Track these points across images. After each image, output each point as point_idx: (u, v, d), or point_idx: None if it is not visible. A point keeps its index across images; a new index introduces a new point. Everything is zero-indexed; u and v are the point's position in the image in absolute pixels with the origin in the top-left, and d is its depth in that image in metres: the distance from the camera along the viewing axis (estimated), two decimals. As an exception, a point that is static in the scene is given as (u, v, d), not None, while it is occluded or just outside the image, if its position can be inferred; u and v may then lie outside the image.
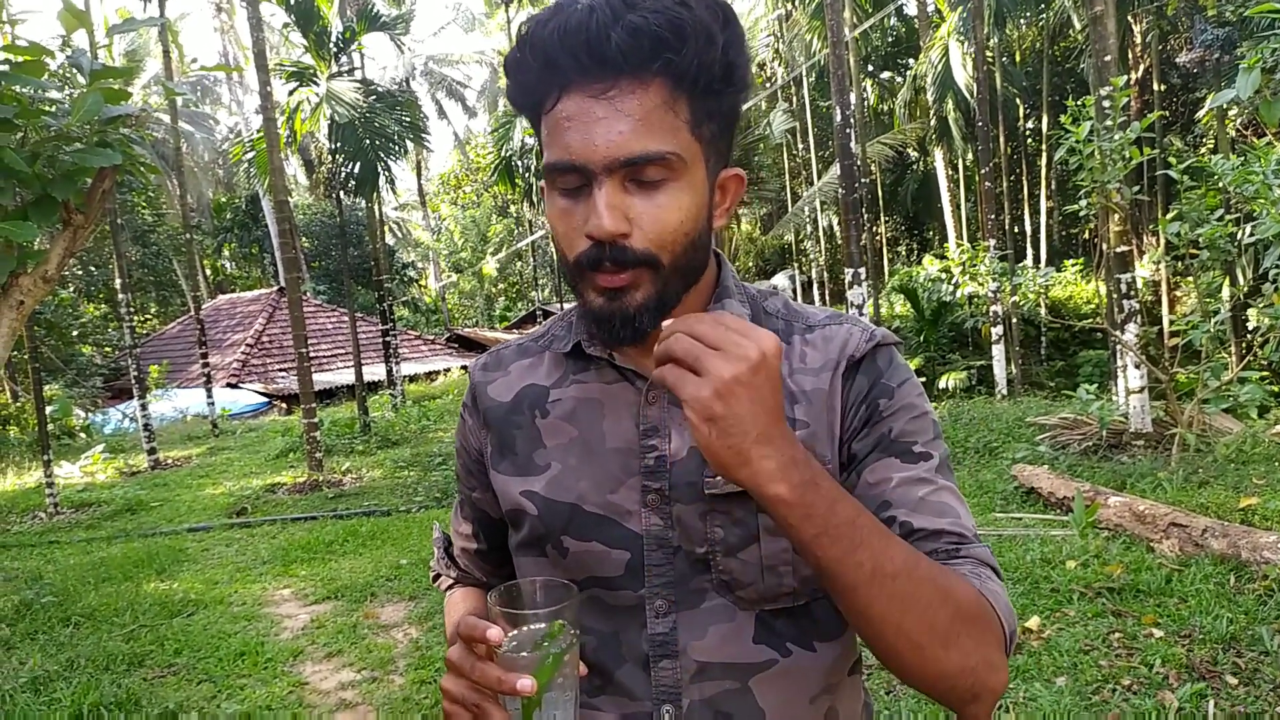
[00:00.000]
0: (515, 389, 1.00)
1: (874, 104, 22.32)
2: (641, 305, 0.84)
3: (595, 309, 0.86)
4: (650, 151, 0.79)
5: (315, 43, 11.21)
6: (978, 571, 0.83)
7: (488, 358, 1.06)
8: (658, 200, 0.81)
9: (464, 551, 1.15)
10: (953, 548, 0.84)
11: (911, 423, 0.90)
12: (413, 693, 3.79)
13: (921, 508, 0.86)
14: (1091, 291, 17.47)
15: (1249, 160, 5.42)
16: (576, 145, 0.80)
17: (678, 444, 0.91)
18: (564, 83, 0.80)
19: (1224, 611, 3.58)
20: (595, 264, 0.82)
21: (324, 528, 6.99)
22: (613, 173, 0.80)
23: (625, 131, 0.79)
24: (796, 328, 0.96)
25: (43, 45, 3.48)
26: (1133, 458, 6.13)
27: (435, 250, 37.28)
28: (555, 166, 0.82)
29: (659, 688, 0.91)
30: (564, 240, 0.85)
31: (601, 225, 0.80)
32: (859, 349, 0.93)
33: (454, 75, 33.80)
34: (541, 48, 0.80)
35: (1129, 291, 6.55)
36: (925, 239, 26.22)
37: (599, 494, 0.92)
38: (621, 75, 0.79)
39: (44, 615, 5.13)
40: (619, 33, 0.76)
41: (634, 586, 0.91)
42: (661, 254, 0.83)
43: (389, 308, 14.07)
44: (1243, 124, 14.16)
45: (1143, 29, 17.02)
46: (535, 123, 0.86)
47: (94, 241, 17.62)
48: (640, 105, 0.79)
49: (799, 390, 0.92)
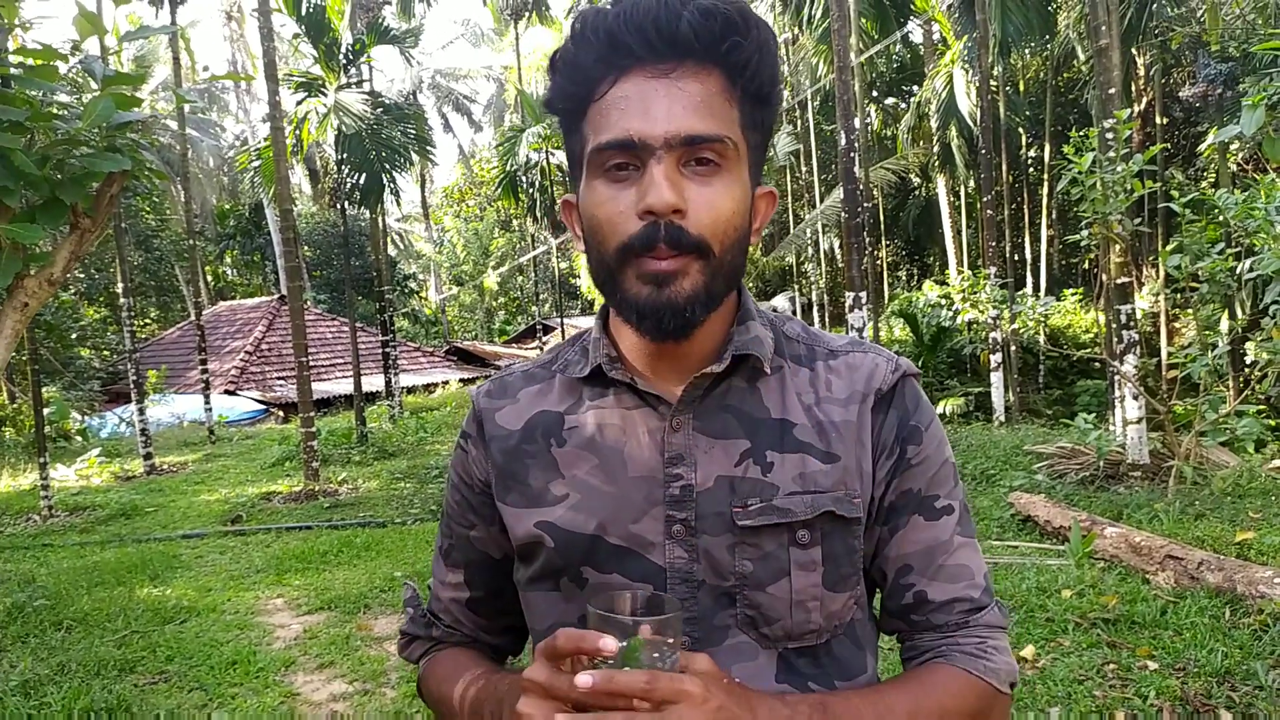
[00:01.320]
0: (525, 416, 0.95)
1: (878, 129, 22.42)
2: (691, 295, 0.81)
3: (640, 300, 0.82)
4: (710, 131, 0.79)
5: (325, 54, 11.28)
6: (983, 646, 0.89)
7: (492, 385, 1.01)
8: (713, 186, 0.81)
9: (453, 603, 1.05)
10: (962, 619, 0.91)
11: (936, 475, 0.93)
12: (404, 706, 3.77)
13: (939, 575, 0.91)
14: (1091, 321, 17.52)
15: (1253, 195, 5.46)
16: (635, 122, 0.79)
17: (704, 472, 0.87)
18: (623, 65, 0.80)
19: (1219, 645, 3.57)
20: (648, 244, 0.79)
21: (319, 537, 6.97)
22: (672, 149, 0.79)
23: (688, 109, 0.79)
24: (819, 353, 0.95)
25: (55, 49, 3.51)
26: (1129, 488, 6.13)
27: (437, 263, 37.35)
28: (610, 144, 0.80)
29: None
30: (607, 226, 0.82)
31: (662, 196, 0.78)
32: (886, 381, 0.92)
33: (461, 89, 34.04)
34: (606, 29, 0.79)
35: (1128, 322, 6.57)
36: (926, 265, 26.30)
37: (620, 524, 0.88)
38: (686, 58, 0.79)
39: (36, 619, 5.11)
40: (691, 13, 0.77)
41: None
42: (714, 242, 0.81)
43: (389, 319, 14.10)
44: (1244, 158, 14.24)
45: (1146, 62, 17.15)
46: (576, 118, 0.85)
47: (97, 245, 17.64)
48: (702, 89, 0.80)
49: (828, 421, 0.90)
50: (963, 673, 0.87)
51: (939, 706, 0.84)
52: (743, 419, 0.89)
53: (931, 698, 0.84)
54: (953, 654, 0.89)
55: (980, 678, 0.87)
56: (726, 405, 0.90)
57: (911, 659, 0.93)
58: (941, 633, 0.91)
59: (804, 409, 0.91)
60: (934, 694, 0.85)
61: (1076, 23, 15.81)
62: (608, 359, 0.91)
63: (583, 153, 0.84)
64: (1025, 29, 14.20)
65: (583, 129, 0.84)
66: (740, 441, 0.89)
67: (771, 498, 0.86)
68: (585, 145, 0.83)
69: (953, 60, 16.57)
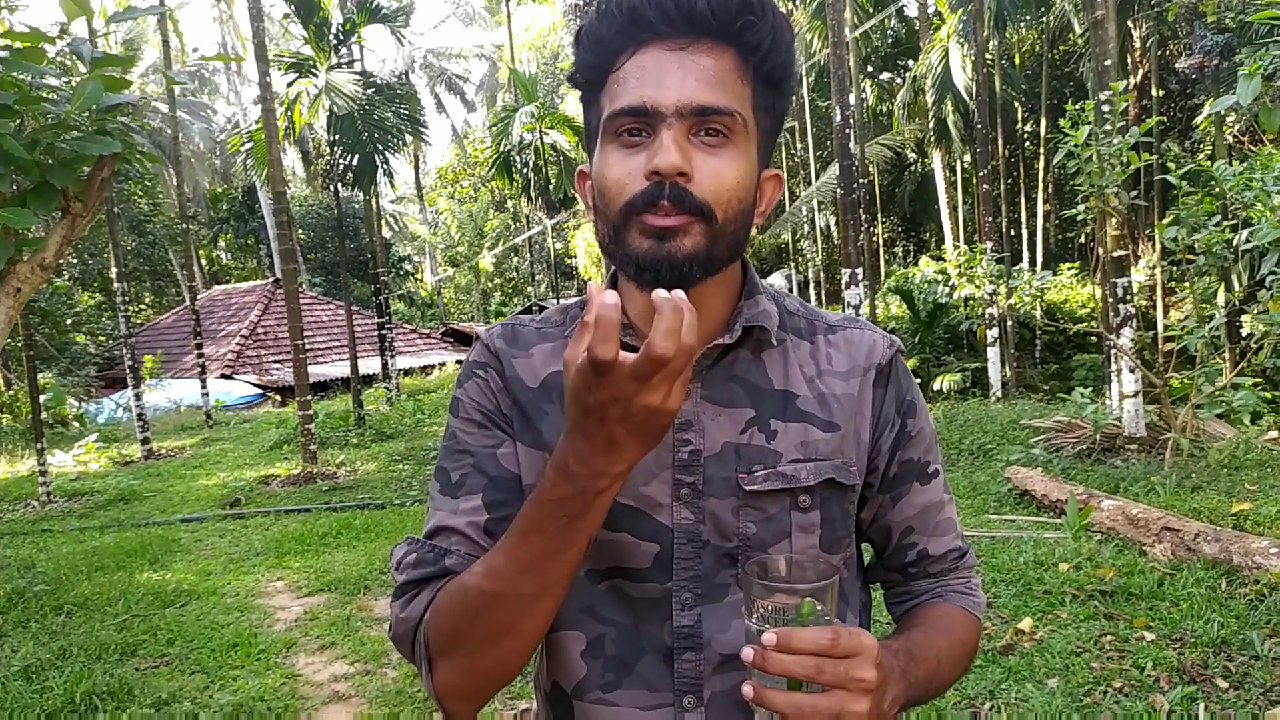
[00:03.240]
0: (540, 375, 0.97)
1: (873, 105, 22.32)
2: (691, 253, 0.83)
3: (640, 253, 0.84)
4: (720, 104, 0.83)
5: (315, 34, 11.19)
6: (969, 585, 1.04)
7: (506, 331, 1.01)
8: (720, 156, 0.84)
9: (470, 527, 0.92)
10: (953, 564, 1.04)
11: (928, 443, 1.02)
12: (405, 685, 3.79)
13: (935, 531, 1.02)
14: (1087, 295, 17.52)
15: (1250, 166, 5.44)
16: (650, 91, 0.83)
17: (711, 439, 0.92)
18: (642, 39, 0.84)
19: (1215, 615, 3.60)
20: (651, 201, 0.82)
21: (318, 520, 6.98)
22: (683, 118, 0.82)
23: (699, 82, 0.83)
24: (819, 328, 1.00)
25: (42, 32, 3.47)
26: (1126, 461, 6.15)
27: (431, 244, 37.23)
28: (624, 110, 0.84)
29: (681, 679, 0.92)
30: (615, 187, 0.85)
31: (669, 158, 0.81)
32: (884, 357, 0.99)
33: (453, 69, 33.76)
34: (629, 4, 0.83)
35: (1125, 296, 6.57)
36: (922, 240, 26.27)
37: (631, 486, 0.90)
38: (703, 36, 0.83)
39: (36, 604, 5.12)
40: None
41: (660, 579, 0.91)
42: (717, 208, 0.84)
43: (385, 301, 14.06)
44: (1240, 130, 14.20)
45: (1142, 34, 17.06)
46: (595, 90, 0.88)
47: (90, 230, 17.55)
48: (715, 64, 0.84)
49: (830, 394, 0.96)
50: (961, 610, 1.01)
51: (961, 641, 0.98)
52: (748, 389, 0.94)
53: (955, 637, 0.98)
54: (949, 594, 1.03)
55: (971, 613, 1.02)
56: (733, 375, 0.94)
57: (906, 600, 1.05)
58: (936, 579, 1.04)
59: (806, 381, 0.96)
60: (954, 631, 0.98)
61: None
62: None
63: (599, 122, 0.88)
64: (1020, 2, 14.12)
65: (600, 99, 0.88)
66: (746, 410, 0.93)
67: (775, 464, 0.91)
68: (601, 113, 0.87)
69: (948, 34, 16.48)
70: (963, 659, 0.99)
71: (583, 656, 0.95)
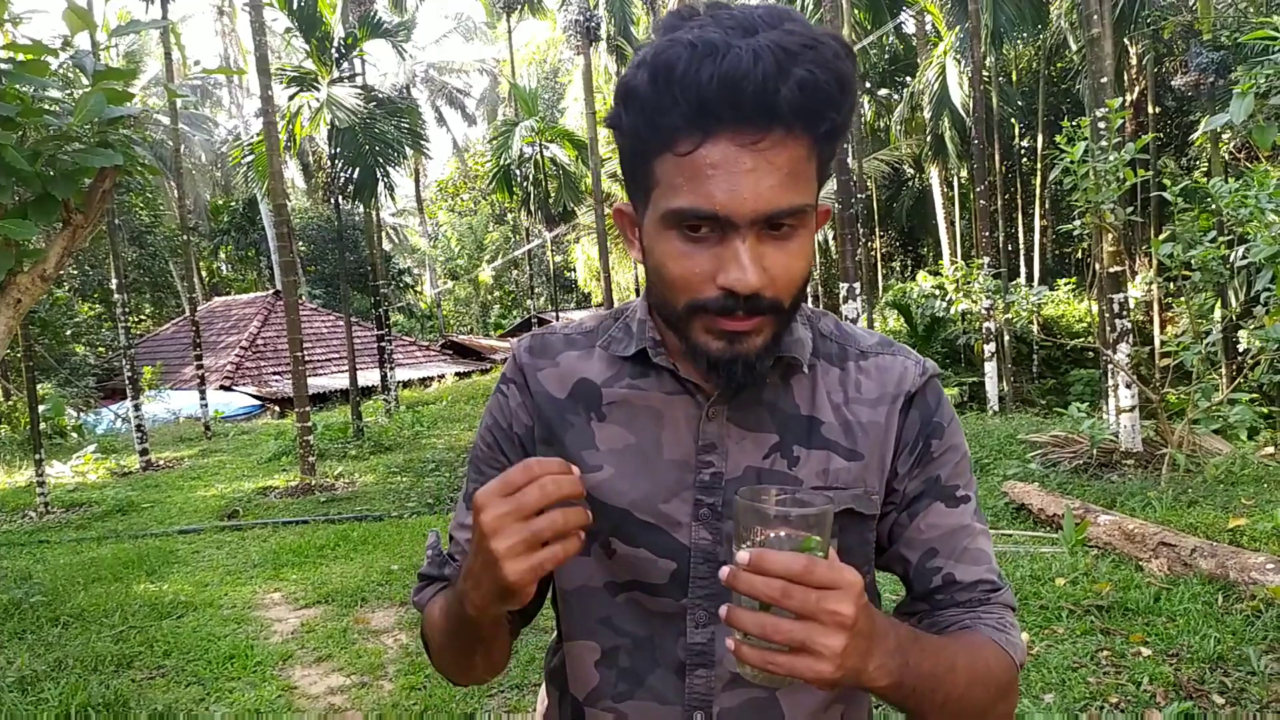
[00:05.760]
0: (568, 383, 0.98)
1: (871, 120, 22.40)
2: (763, 349, 0.84)
3: (711, 351, 0.84)
4: (793, 205, 0.79)
5: (317, 48, 11.25)
6: (1003, 622, 0.94)
7: (534, 342, 1.03)
8: (789, 249, 0.81)
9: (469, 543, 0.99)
10: (985, 596, 0.95)
11: (957, 467, 0.97)
12: (402, 698, 3.78)
13: (964, 558, 0.95)
14: (1084, 310, 17.54)
15: (1245, 184, 5.47)
16: (721, 196, 0.77)
17: (734, 462, 0.92)
18: (709, 129, 0.77)
19: (1211, 631, 3.60)
20: (726, 311, 0.81)
21: (315, 532, 6.98)
22: (755, 225, 0.79)
23: (775, 185, 0.78)
24: (850, 353, 0.98)
25: (45, 45, 3.50)
26: (1123, 476, 6.16)
27: (431, 257, 37.26)
28: (695, 213, 0.79)
29: (692, 694, 0.93)
30: (680, 283, 0.82)
31: (747, 280, 0.79)
32: (914, 384, 0.97)
33: (454, 83, 33.90)
34: (696, 91, 0.75)
35: (1121, 311, 6.60)
36: (920, 255, 26.31)
37: (651, 503, 0.92)
38: (776, 127, 0.77)
39: (33, 615, 5.11)
40: (789, 87, 0.74)
41: (676, 595, 0.93)
42: (786, 300, 0.83)
43: (384, 313, 14.08)
44: (1236, 147, 14.27)
45: (1139, 51, 17.15)
46: (650, 159, 0.82)
47: (91, 241, 17.56)
48: (789, 159, 0.78)
49: (855, 421, 0.94)
50: (992, 641, 0.91)
51: (985, 667, 0.88)
52: (774, 413, 0.94)
53: (980, 658, 0.88)
54: (979, 626, 0.93)
55: (1006, 650, 0.91)
56: (760, 399, 0.94)
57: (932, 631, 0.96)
58: (965, 608, 0.95)
59: (832, 408, 0.95)
60: (981, 654, 0.89)
61: (1068, 12, 15.82)
62: (653, 343, 0.94)
63: (649, 186, 0.83)
64: (1017, 19, 14.21)
65: (653, 167, 0.82)
66: (770, 435, 0.93)
67: (794, 492, 0.88)
68: (651, 185, 0.82)
69: (945, 51, 16.57)
70: (987, 687, 0.87)
71: (596, 666, 0.97)
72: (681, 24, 0.79)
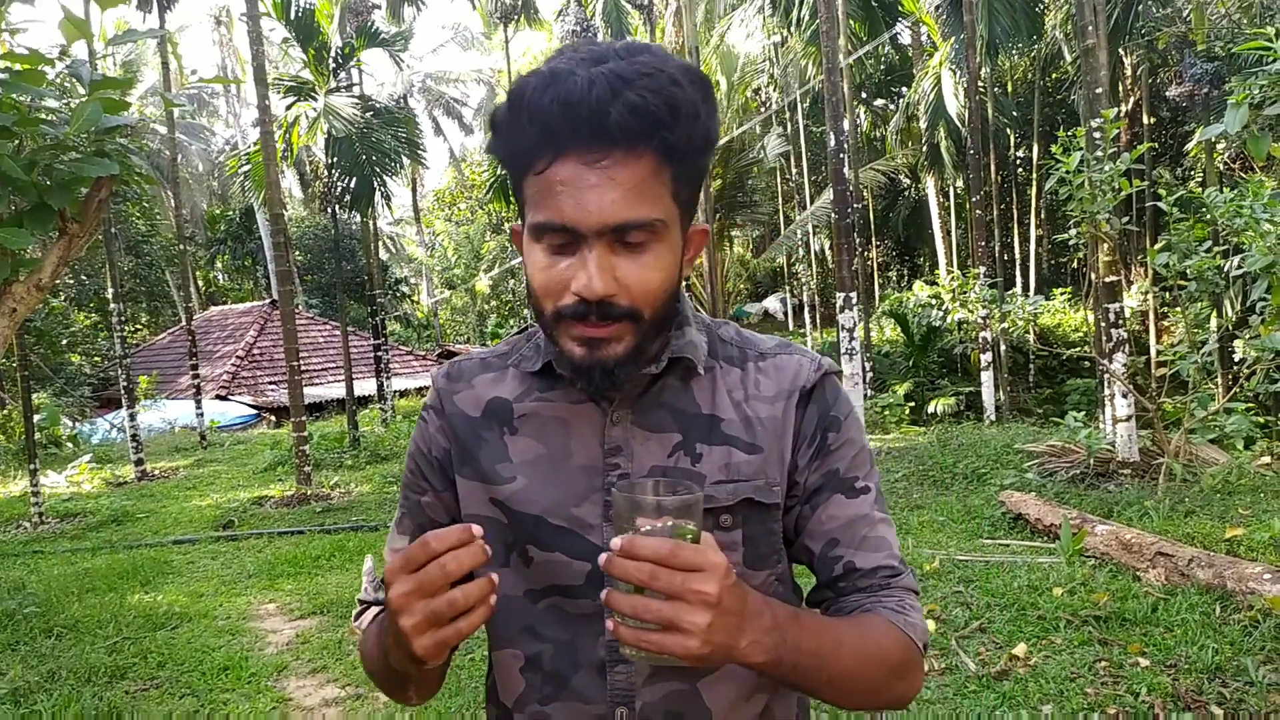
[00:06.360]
0: (482, 402, 1.03)
1: (867, 130, 22.49)
2: (621, 357, 0.89)
3: (574, 358, 0.90)
4: (639, 218, 0.84)
5: (314, 58, 11.26)
6: (904, 604, 0.98)
7: (450, 368, 1.09)
8: (643, 261, 0.87)
9: None
10: (885, 581, 1.00)
11: (855, 459, 1.02)
12: (395, 711, 3.77)
13: (863, 545, 1.00)
14: (1080, 320, 17.59)
15: (1242, 193, 5.49)
16: (569, 209, 0.84)
17: (639, 463, 0.97)
18: (559, 148, 0.83)
19: (1209, 641, 3.59)
20: (580, 317, 0.87)
21: (311, 542, 6.95)
22: (602, 236, 0.84)
23: (617, 199, 0.83)
24: (750, 354, 1.04)
25: (42, 54, 3.50)
26: (1119, 486, 6.16)
27: (428, 266, 37.27)
28: (546, 226, 0.85)
29: (614, 691, 0.96)
30: (543, 291, 0.89)
31: (592, 287, 0.84)
32: (809, 379, 1.01)
33: (451, 93, 34.01)
34: (540, 115, 0.82)
35: (1117, 321, 6.61)
36: (916, 265, 26.39)
37: (563, 508, 0.97)
38: (616, 146, 0.82)
39: (26, 626, 5.09)
40: (618, 109, 0.80)
41: (593, 596, 0.94)
42: (644, 309, 0.88)
43: (381, 322, 14.07)
44: (1230, 157, 14.33)
45: (1133, 62, 17.24)
46: (519, 178, 0.89)
47: (87, 251, 17.56)
48: (631, 175, 0.84)
49: (755, 417, 0.99)
50: (886, 621, 0.95)
51: (876, 645, 0.92)
52: (676, 414, 0.99)
53: (870, 637, 0.93)
54: (878, 609, 0.97)
55: (903, 631, 0.95)
56: (662, 402, 0.99)
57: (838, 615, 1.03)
58: (867, 594, 1.00)
59: (733, 405, 1.00)
60: (872, 633, 0.93)
61: (1063, 23, 15.91)
62: (556, 356, 0.98)
63: (523, 206, 0.90)
64: (1012, 30, 14.26)
65: (524, 187, 0.89)
66: (673, 435, 0.98)
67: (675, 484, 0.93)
68: (524, 204, 0.89)
69: (941, 62, 16.64)
70: (880, 665, 0.92)
71: (521, 672, 1.01)
72: (554, 58, 0.86)
